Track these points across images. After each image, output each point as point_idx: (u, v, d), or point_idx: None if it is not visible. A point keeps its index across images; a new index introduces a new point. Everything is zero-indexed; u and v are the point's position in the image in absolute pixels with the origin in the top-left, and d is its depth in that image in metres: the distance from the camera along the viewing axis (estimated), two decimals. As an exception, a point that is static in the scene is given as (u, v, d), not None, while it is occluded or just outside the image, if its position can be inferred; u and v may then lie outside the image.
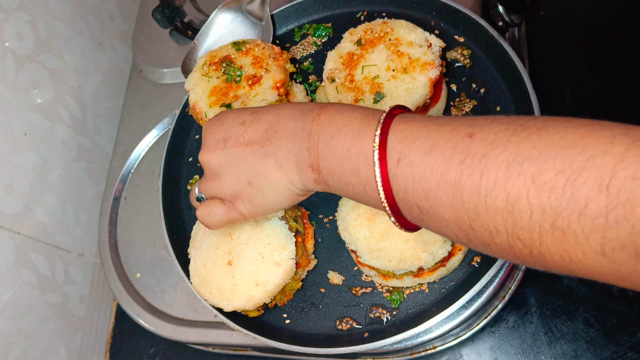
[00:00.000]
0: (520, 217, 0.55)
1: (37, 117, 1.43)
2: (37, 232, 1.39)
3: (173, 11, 1.68)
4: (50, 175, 1.46)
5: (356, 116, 0.73)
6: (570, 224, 0.51)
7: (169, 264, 1.40)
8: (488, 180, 0.57)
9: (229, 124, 0.87)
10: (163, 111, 1.61)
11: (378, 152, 0.67)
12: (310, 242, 1.18)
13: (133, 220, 1.49)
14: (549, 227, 0.53)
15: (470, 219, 0.60)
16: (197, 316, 1.32)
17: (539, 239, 0.55)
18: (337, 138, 0.73)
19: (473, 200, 0.59)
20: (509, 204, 0.56)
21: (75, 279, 1.51)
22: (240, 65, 1.23)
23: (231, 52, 1.26)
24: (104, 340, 1.55)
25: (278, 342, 1.09)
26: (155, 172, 1.53)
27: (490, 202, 0.57)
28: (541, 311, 1.22)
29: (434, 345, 1.23)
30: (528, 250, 0.57)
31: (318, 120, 0.76)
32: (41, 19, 1.46)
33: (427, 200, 0.64)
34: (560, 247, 0.54)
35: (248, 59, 1.24)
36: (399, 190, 0.67)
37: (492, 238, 0.60)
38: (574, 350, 1.17)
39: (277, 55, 1.25)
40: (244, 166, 0.83)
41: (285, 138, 0.79)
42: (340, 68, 1.16)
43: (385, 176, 0.67)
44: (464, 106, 1.20)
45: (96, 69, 1.68)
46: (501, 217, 0.57)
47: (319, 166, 0.76)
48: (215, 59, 1.26)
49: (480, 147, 0.59)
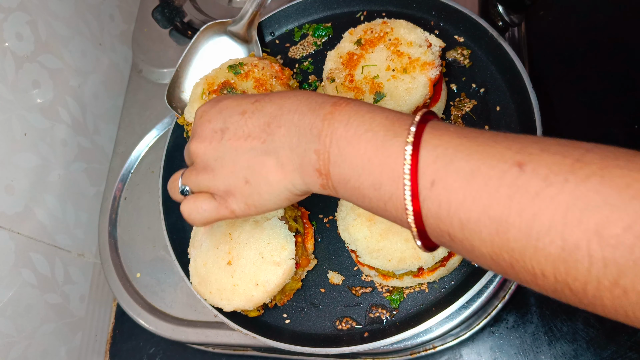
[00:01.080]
0: (576, 268, 0.50)
1: (37, 117, 1.43)
2: (37, 232, 1.39)
3: (173, 11, 1.68)
4: (50, 176, 1.46)
5: (379, 121, 0.65)
6: (635, 285, 0.47)
7: (169, 264, 1.40)
8: (542, 223, 0.51)
9: (228, 112, 0.79)
10: (163, 111, 1.61)
11: (410, 171, 0.59)
12: (310, 242, 1.19)
13: (133, 220, 1.49)
14: (608, 284, 0.48)
15: (513, 259, 0.55)
16: (197, 316, 1.32)
17: (593, 293, 0.50)
18: (355, 145, 0.65)
19: (520, 241, 0.53)
20: (565, 253, 0.50)
21: (75, 279, 1.51)
22: (242, 91, 1.16)
23: (229, 77, 1.18)
24: (104, 340, 1.55)
25: (278, 342, 1.09)
26: (155, 172, 1.53)
27: (541, 246, 0.52)
28: (541, 311, 1.22)
29: (434, 345, 1.23)
30: (577, 299, 0.53)
31: (331, 120, 0.68)
32: (41, 19, 1.46)
33: (463, 231, 0.58)
34: (617, 304, 0.49)
35: (249, 82, 1.18)
36: (430, 215, 0.60)
37: (535, 280, 0.55)
38: (574, 350, 1.17)
39: (279, 74, 1.21)
40: (242, 163, 0.76)
41: (289, 135, 0.72)
42: (340, 68, 1.16)
43: (416, 198, 0.60)
44: (464, 106, 1.20)
45: (96, 69, 1.68)
46: (552, 264, 0.51)
47: (328, 172, 0.69)
48: (213, 86, 1.17)
49: (532, 182, 0.52)
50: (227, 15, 1.72)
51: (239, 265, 1.08)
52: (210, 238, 1.13)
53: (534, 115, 1.06)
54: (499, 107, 1.18)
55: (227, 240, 1.11)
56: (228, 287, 1.08)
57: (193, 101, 1.21)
